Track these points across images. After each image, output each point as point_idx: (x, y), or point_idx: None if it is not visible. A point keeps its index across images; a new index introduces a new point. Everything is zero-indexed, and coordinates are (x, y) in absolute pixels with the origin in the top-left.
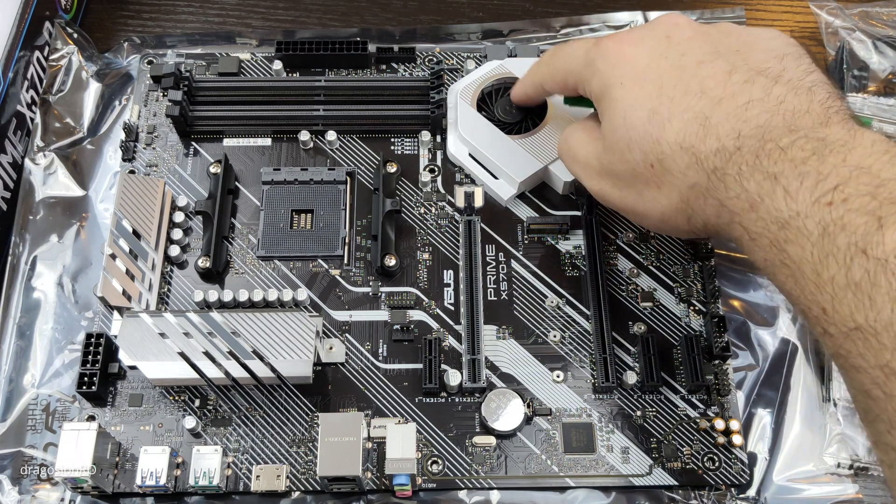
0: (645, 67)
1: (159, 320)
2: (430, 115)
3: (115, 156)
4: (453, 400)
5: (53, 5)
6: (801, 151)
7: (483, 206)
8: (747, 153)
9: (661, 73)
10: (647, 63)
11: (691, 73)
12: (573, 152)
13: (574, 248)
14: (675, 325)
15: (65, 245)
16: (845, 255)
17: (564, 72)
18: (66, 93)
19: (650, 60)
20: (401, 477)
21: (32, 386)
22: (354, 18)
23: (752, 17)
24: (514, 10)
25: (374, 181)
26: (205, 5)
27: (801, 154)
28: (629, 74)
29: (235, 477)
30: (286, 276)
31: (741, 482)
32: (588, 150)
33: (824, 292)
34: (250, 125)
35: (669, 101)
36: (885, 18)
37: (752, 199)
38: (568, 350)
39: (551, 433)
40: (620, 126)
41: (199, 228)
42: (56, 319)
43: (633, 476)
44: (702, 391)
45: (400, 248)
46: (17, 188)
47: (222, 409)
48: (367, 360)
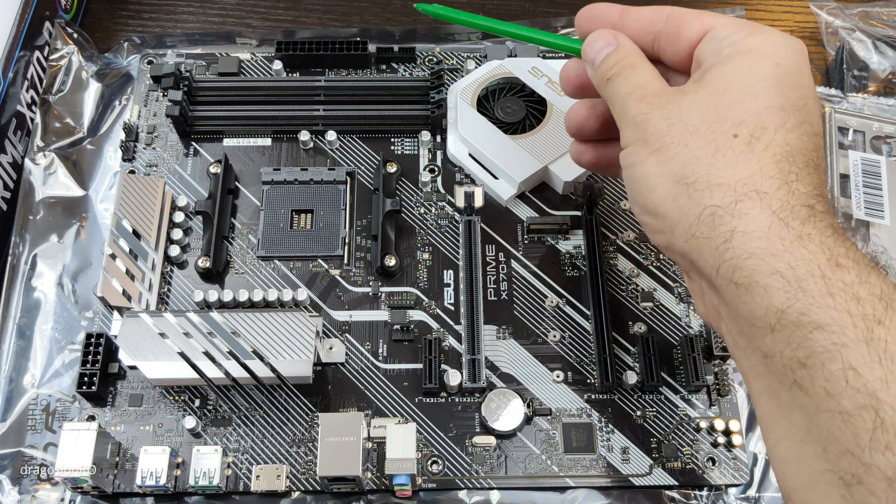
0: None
1: (159, 320)
2: (430, 115)
3: (115, 156)
4: (453, 400)
5: (53, 5)
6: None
7: (483, 206)
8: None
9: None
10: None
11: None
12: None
13: (574, 248)
14: (675, 325)
15: (65, 245)
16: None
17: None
18: (66, 93)
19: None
20: (401, 477)
21: (32, 386)
22: (354, 18)
23: (752, 17)
24: (514, 10)
25: (374, 181)
26: (205, 5)
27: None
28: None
29: (235, 477)
30: (286, 276)
31: (741, 482)
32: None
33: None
34: (250, 125)
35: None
36: (885, 18)
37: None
38: (568, 350)
39: (551, 433)
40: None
41: (199, 228)
42: (56, 319)
43: (633, 476)
44: (702, 391)
45: (400, 248)
46: (17, 188)
47: (222, 409)
48: (367, 360)
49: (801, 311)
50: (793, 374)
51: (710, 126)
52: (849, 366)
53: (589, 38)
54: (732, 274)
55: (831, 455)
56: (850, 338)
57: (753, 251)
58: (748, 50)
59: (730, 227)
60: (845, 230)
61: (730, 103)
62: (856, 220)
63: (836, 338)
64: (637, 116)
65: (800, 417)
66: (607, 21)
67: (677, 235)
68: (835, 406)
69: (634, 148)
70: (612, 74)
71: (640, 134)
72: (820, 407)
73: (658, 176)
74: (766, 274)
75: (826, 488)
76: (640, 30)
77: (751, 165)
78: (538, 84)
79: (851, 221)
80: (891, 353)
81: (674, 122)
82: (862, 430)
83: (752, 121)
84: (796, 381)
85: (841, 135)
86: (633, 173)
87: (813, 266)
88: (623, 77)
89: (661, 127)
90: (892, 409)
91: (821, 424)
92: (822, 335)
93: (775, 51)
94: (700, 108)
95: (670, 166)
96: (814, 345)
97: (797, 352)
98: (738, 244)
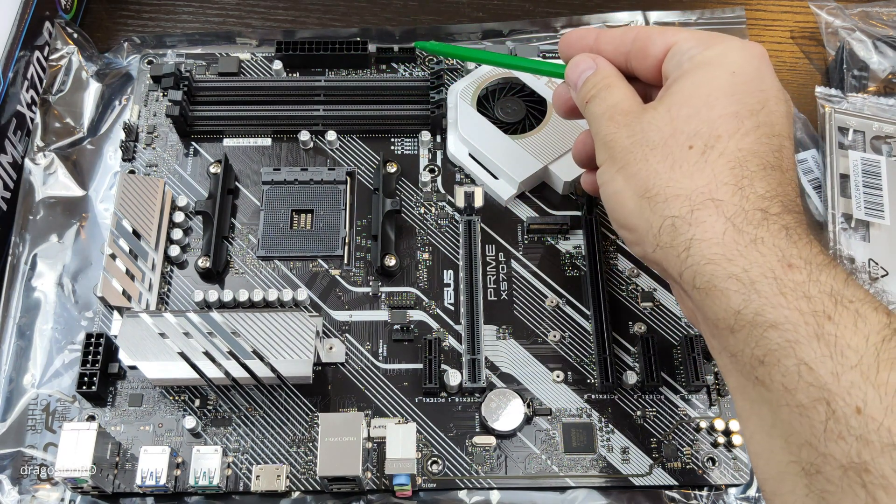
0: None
1: (159, 320)
2: (430, 115)
3: (115, 156)
4: (453, 400)
5: (53, 5)
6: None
7: (483, 206)
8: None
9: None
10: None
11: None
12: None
13: (574, 248)
14: (675, 325)
15: (65, 245)
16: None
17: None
18: (66, 93)
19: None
20: (401, 477)
21: (32, 386)
22: (354, 18)
23: (751, 17)
24: (514, 10)
25: (374, 181)
26: (205, 5)
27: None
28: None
29: (235, 477)
30: (286, 276)
31: (741, 482)
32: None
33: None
34: (250, 125)
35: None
36: (885, 18)
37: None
38: (568, 350)
39: (551, 433)
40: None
41: (199, 228)
42: (56, 319)
43: (633, 476)
44: (702, 391)
45: (400, 248)
46: (17, 188)
47: (222, 409)
48: (367, 360)
49: (756, 312)
50: (754, 371)
51: (666, 140)
52: (802, 361)
53: (570, 62)
54: (694, 279)
55: (793, 447)
56: (801, 335)
57: (711, 257)
58: (705, 62)
59: (688, 235)
60: (801, 230)
61: (686, 116)
62: (856, 220)
63: (789, 335)
64: (606, 136)
65: (765, 412)
66: (585, 45)
67: (647, 246)
68: (792, 400)
69: (605, 167)
70: (591, 96)
71: (609, 152)
72: (780, 402)
73: (625, 191)
74: (722, 278)
75: (792, 479)
76: (613, 51)
77: (705, 175)
78: (538, 84)
79: (851, 221)
80: (840, 347)
81: (637, 139)
82: (817, 422)
83: (707, 131)
84: (758, 377)
85: (841, 135)
86: (606, 190)
87: (766, 268)
88: (599, 98)
89: (625, 145)
90: (843, 400)
91: (782, 418)
92: (777, 333)
93: (731, 59)
94: (659, 123)
95: (634, 181)
96: (770, 343)
97: (756, 350)
98: (697, 251)
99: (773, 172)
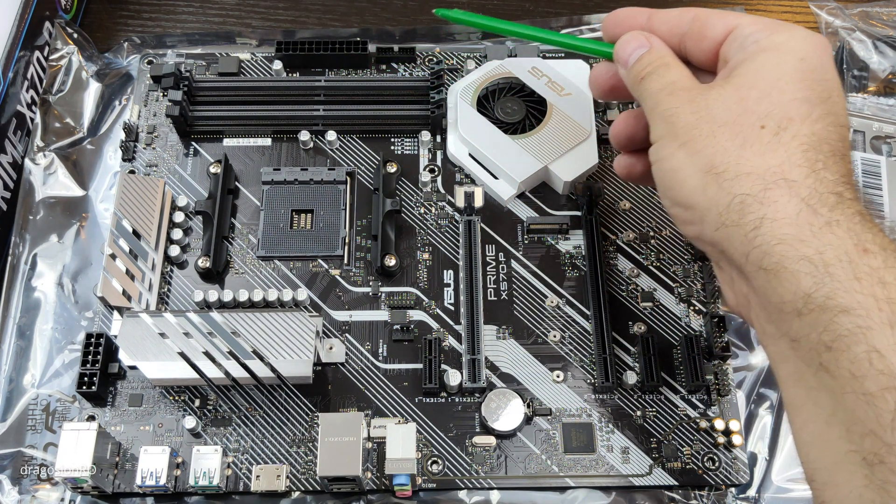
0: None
1: (159, 320)
2: (430, 115)
3: (115, 156)
4: (453, 400)
5: (53, 5)
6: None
7: (483, 206)
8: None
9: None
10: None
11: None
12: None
13: (574, 248)
14: (675, 325)
15: (65, 245)
16: None
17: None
18: (66, 93)
19: None
20: (401, 477)
21: (32, 386)
22: (354, 18)
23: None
24: (514, 10)
25: (374, 181)
26: (205, 5)
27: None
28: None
29: (235, 477)
30: (286, 276)
31: (741, 482)
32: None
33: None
34: (250, 125)
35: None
36: (885, 18)
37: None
38: (568, 350)
39: (551, 433)
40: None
41: (199, 228)
42: (56, 319)
43: (633, 476)
44: (702, 391)
45: (400, 248)
46: (17, 188)
47: (222, 409)
48: (367, 360)
49: (827, 295)
50: (819, 357)
51: (737, 118)
52: (873, 348)
53: (621, 39)
54: (762, 260)
55: (855, 436)
56: (874, 321)
57: (782, 237)
58: (773, 46)
59: (759, 214)
60: (873, 217)
61: (756, 97)
62: None
63: (861, 321)
64: (667, 111)
65: (825, 400)
66: (635, 24)
67: (707, 225)
68: (859, 388)
69: (664, 142)
70: (646, 73)
71: (670, 128)
72: (845, 389)
73: (687, 168)
74: (794, 259)
75: (850, 468)
76: (667, 32)
77: (778, 155)
78: (538, 84)
79: None
80: None
81: (702, 115)
82: (884, 411)
83: (779, 113)
84: (822, 363)
85: None
86: (662, 167)
87: (840, 251)
88: (656, 75)
89: (689, 120)
90: None
91: (845, 406)
92: (848, 318)
93: (799, 46)
94: (727, 101)
95: (699, 158)
96: (839, 328)
97: (823, 335)
98: (768, 231)
99: (841, 160)
